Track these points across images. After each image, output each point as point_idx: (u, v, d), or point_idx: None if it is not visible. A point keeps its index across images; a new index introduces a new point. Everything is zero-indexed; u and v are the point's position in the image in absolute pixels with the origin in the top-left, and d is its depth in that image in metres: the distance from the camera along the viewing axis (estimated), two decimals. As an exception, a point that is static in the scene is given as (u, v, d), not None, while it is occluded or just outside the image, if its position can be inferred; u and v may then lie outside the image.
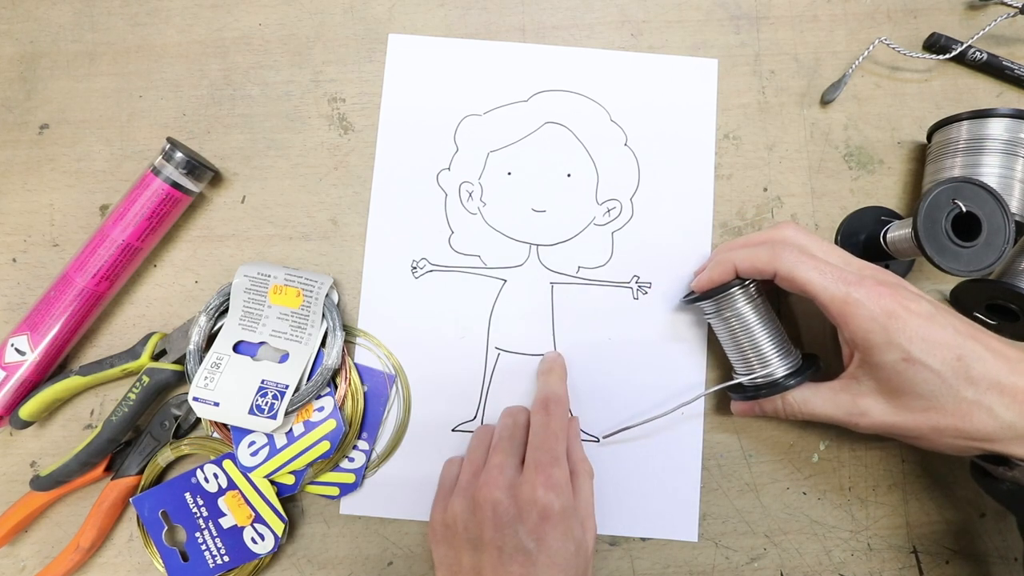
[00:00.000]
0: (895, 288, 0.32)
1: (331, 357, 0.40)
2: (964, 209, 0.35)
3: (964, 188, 0.36)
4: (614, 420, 0.41)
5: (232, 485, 0.39)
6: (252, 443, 0.39)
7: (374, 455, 0.41)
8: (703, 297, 0.39)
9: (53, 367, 0.41)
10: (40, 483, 0.39)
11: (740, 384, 0.39)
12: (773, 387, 0.37)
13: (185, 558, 0.40)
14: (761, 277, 0.36)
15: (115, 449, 0.41)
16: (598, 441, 0.42)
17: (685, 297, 0.41)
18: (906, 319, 0.31)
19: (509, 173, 0.44)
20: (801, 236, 0.36)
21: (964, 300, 0.42)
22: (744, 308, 0.38)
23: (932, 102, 0.45)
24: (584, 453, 0.39)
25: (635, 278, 0.43)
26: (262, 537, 0.39)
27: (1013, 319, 0.39)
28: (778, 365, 0.37)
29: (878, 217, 0.43)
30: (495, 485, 0.34)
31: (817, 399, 0.36)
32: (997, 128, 0.39)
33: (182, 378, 0.41)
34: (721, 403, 0.42)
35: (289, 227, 0.44)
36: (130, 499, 0.40)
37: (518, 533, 0.32)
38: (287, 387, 0.39)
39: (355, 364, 0.42)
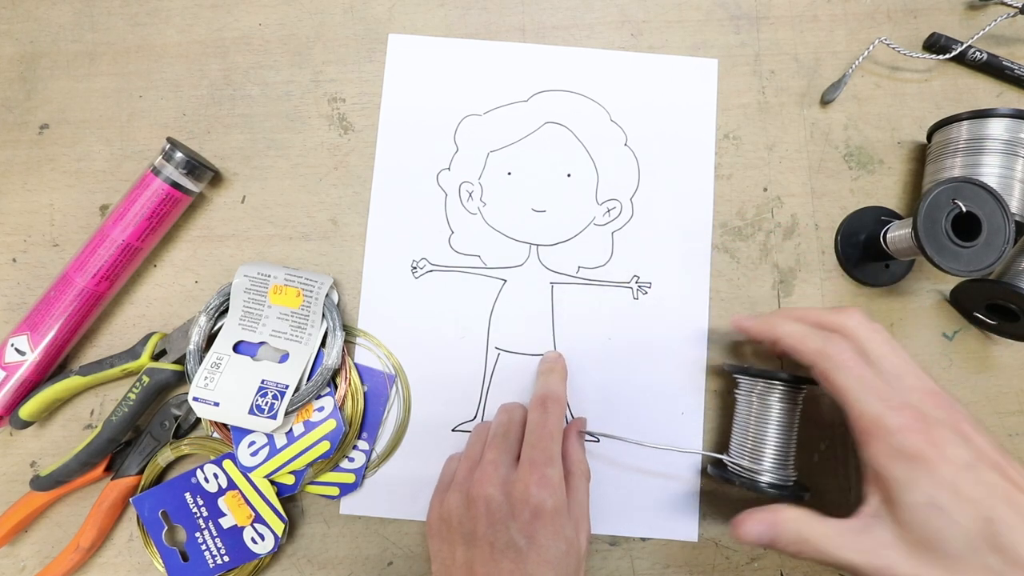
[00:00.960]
0: (936, 427, 0.29)
1: (331, 357, 0.40)
2: (964, 209, 0.35)
3: (964, 188, 0.36)
4: (614, 420, 0.41)
5: (232, 485, 0.39)
6: (252, 443, 0.39)
7: (374, 455, 0.41)
8: (747, 373, 0.38)
9: (53, 367, 0.41)
10: (40, 483, 0.39)
11: (721, 461, 0.39)
12: (749, 484, 0.36)
13: (185, 558, 0.40)
14: (800, 361, 0.34)
15: (115, 449, 0.41)
16: (598, 441, 0.42)
17: (729, 364, 0.40)
18: (937, 464, 0.28)
19: (509, 173, 0.44)
20: (864, 330, 0.33)
21: (964, 300, 0.42)
22: (774, 403, 0.37)
23: (932, 102, 0.45)
24: (583, 455, 0.39)
25: (635, 278, 0.43)
26: (262, 537, 0.39)
27: (1013, 319, 0.39)
28: (767, 469, 0.36)
29: (878, 217, 0.43)
30: (489, 481, 0.34)
31: (831, 534, 0.31)
32: (997, 128, 0.39)
33: (182, 378, 0.41)
34: (721, 402, 0.42)
35: (289, 227, 0.44)
36: (130, 499, 0.40)
37: (510, 530, 0.33)
38: (287, 387, 0.39)
39: (355, 364, 0.42)
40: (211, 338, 0.41)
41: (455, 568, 0.34)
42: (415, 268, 0.43)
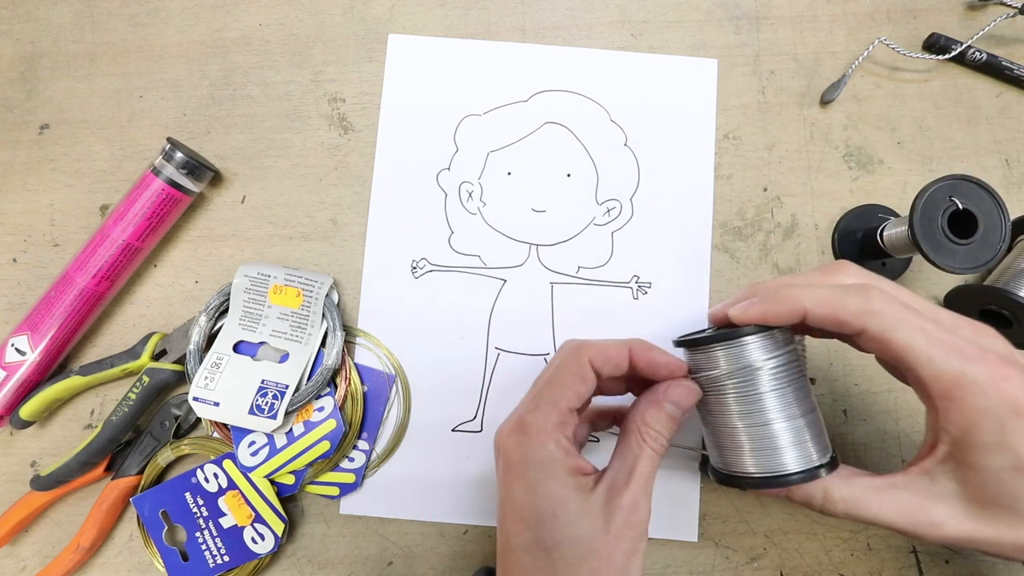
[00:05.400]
0: (1016, 368, 0.25)
1: (331, 357, 0.40)
2: (961, 206, 0.35)
3: (961, 185, 0.36)
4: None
5: (232, 485, 0.40)
6: (252, 443, 0.39)
7: (374, 455, 0.41)
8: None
9: (53, 367, 0.42)
10: (40, 483, 0.39)
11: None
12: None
13: (185, 558, 0.40)
14: (839, 330, 0.27)
15: (115, 449, 0.41)
16: (598, 441, 0.42)
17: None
18: None
19: (509, 173, 0.44)
20: (874, 278, 0.29)
21: (957, 307, 0.42)
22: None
23: (932, 102, 0.45)
24: (663, 424, 0.29)
25: (635, 278, 0.43)
26: (262, 537, 0.39)
27: (1006, 325, 0.39)
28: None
29: (875, 214, 0.43)
30: (500, 426, 0.30)
31: (871, 499, 0.28)
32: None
33: (182, 378, 0.41)
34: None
35: (289, 227, 0.44)
36: (130, 499, 0.40)
37: (498, 479, 0.30)
38: (287, 387, 0.39)
39: (355, 364, 0.42)
40: (211, 338, 0.41)
41: None
42: (415, 268, 0.43)
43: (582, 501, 0.27)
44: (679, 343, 0.32)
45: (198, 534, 0.40)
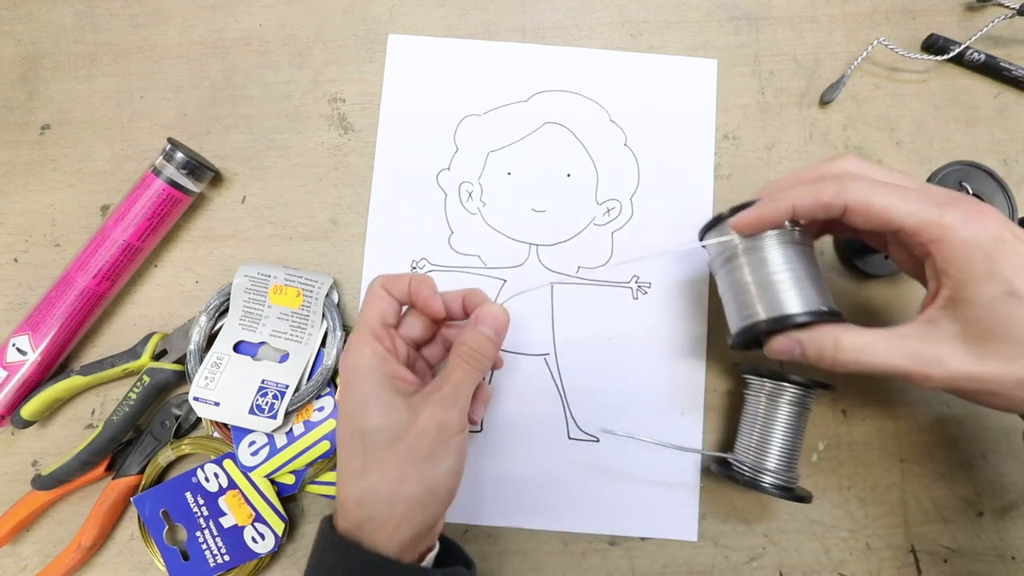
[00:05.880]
0: (997, 213, 0.28)
1: (331, 357, 0.40)
2: (971, 192, 0.35)
3: (970, 172, 0.36)
4: (613, 420, 0.41)
5: (232, 484, 0.40)
6: (252, 443, 0.40)
7: (374, 454, 0.42)
8: (757, 373, 0.36)
9: (54, 367, 0.42)
10: (42, 482, 0.40)
11: (725, 460, 0.39)
12: (752, 483, 0.36)
13: (186, 557, 0.40)
14: (826, 216, 0.31)
15: (116, 448, 0.41)
16: (598, 441, 0.42)
17: (739, 364, 0.39)
18: (1014, 245, 0.27)
19: (509, 173, 0.44)
20: (864, 165, 0.31)
21: None
22: (783, 406, 0.36)
23: (931, 103, 0.45)
24: (483, 342, 0.33)
25: (635, 278, 0.43)
26: (262, 536, 0.39)
27: None
28: (771, 469, 0.36)
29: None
30: None
31: (879, 344, 0.29)
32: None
33: (182, 378, 0.41)
34: (721, 402, 0.42)
35: (289, 227, 0.44)
36: (131, 498, 0.40)
37: None
38: (287, 387, 0.39)
39: (355, 364, 0.42)
40: (211, 338, 0.41)
41: None
42: (415, 268, 0.43)
43: (393, 398, 0.31)
44: (705, 228, 0.36)
45: (199, 534, 0.40)
